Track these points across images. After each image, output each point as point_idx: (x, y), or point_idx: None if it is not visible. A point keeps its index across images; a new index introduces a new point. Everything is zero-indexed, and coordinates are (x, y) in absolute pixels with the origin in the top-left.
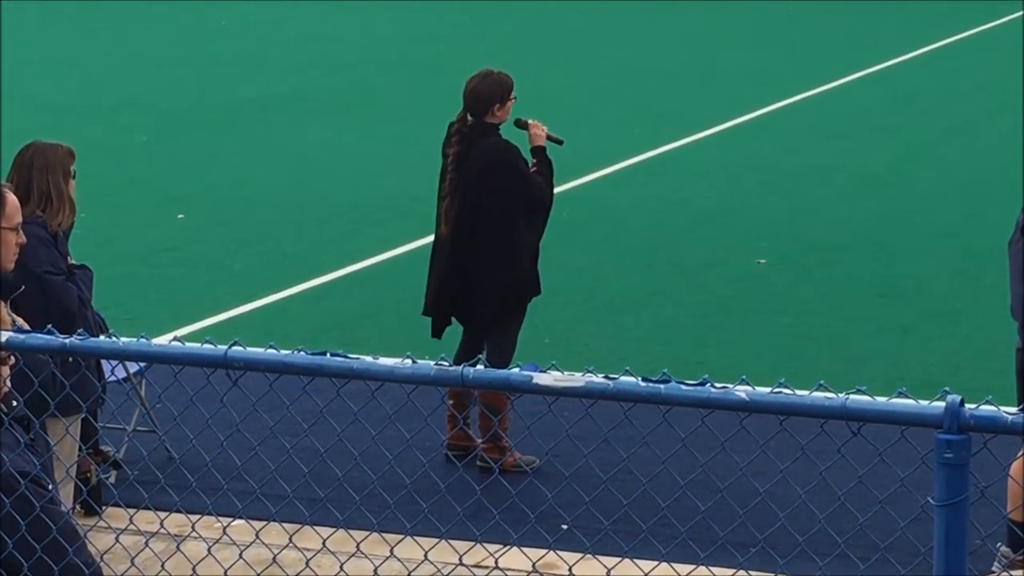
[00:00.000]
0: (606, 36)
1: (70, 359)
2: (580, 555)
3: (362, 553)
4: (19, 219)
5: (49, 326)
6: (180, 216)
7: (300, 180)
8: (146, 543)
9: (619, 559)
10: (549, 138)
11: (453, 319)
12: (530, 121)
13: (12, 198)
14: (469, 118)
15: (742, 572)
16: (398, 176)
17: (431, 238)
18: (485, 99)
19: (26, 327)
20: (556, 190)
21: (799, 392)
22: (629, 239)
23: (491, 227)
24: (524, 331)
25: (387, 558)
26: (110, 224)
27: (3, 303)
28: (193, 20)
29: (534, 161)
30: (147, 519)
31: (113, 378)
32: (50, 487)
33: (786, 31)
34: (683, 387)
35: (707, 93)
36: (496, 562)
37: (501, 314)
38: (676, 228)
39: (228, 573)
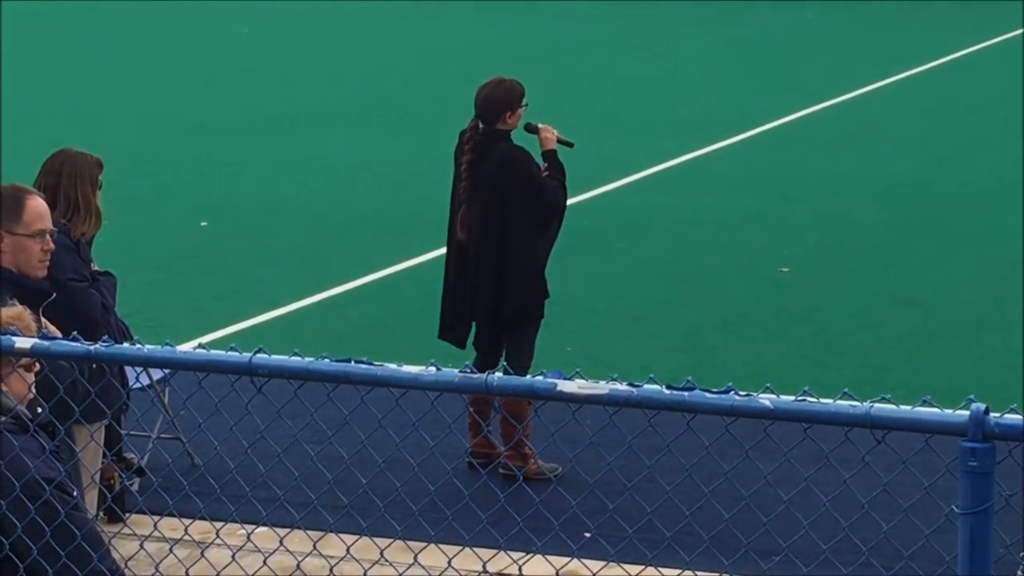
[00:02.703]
0: (629, 44)
1: (94, 365)
2: (603, 563)
3: (386, 560)
4: (41, 225)
5: (74, 333)
6: (204, 224)
7: (322, 189)
8: (170, 550)
9: (643, 567)
10: (560, 141)
11: (472, 325)
12: (540, 125)
13: (33, 204)
14: (480, 125)
15: None
16: (419, 185)
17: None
18: (497, 106)
19: (57, 334)
20: (579, 198)
21: (823, 400)
22: (652, 247)
23: (509, 233)
24: (547, 339)
25: (411, 565)
26: (134, 231)
27: (27, 309)
28: (215, 30)
29: (545, 165)
30: (171, 526)
31: (137, 385)
32: (75, 493)
33: (808, 40)
34: (707, 395)
35: (730, 102)
36: (519, 569)
37: (521, 318)
38: (699, 236)
39: None
